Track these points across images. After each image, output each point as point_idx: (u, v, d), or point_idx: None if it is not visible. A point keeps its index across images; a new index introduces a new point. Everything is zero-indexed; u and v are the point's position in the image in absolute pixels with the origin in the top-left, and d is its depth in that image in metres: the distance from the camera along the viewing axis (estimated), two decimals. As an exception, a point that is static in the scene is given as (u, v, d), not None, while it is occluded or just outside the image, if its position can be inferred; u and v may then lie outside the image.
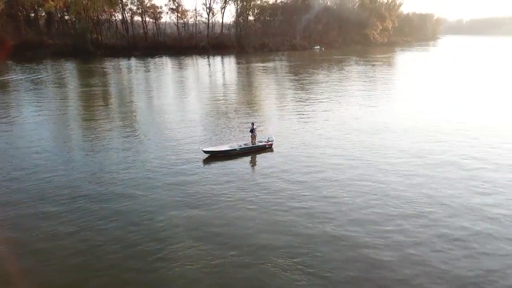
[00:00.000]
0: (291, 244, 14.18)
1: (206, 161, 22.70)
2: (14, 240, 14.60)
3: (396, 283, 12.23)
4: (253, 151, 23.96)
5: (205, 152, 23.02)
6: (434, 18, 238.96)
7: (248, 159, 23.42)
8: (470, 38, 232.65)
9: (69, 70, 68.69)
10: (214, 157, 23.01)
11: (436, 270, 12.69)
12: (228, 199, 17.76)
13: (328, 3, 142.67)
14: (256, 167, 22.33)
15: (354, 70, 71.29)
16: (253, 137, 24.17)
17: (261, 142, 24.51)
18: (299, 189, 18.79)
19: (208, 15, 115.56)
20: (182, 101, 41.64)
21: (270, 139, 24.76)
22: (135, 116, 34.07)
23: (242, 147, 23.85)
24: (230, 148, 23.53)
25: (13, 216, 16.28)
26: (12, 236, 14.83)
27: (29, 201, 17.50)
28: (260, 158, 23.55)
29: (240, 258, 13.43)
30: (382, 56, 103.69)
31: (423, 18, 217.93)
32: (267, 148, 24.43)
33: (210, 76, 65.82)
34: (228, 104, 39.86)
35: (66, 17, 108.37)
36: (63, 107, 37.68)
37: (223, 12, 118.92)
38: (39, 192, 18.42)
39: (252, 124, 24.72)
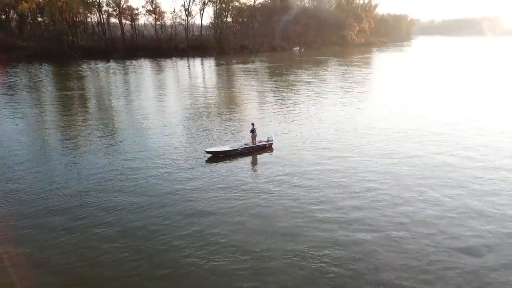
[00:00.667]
0: (308, 245, 14.12)
1: (211, 162, 22.64)
2: (27, 254, 13.79)
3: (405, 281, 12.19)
4: (254, 150, 24.24)
5: (208, 152, 23.23)
6: (408, 19, 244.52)
7: (251, 159, 23.49)
8: (443, 39, 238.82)
9: (46, 73, 66.62)
10: (216, 157, 23.09)
11: (441, 269, 12.71)
12: (242, 202, 17.58)
13: (306, 5, 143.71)
14: (261, 167, 22.24)
15: (338, 70, 71.79)
16: (254, 137, 24.44)
17: (261, 142, 24.78)
18: (306, 190, 18.72)
19: (187, 16, 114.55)
20: (171, 105, 40.71)
21: (270, 139, 25.06)
22: (125, 121, 33.00)
23: (243, 147, 24.12)
24: (232, 148, 23.78)
25: (18, 228, 15.41)
26: (24, 251, 13.99)
27: (33, 212, 16.66)
28: (263, 158, 23.69)
29: (265, 261, 13.28)
30: (362, 56, 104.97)
31: (398, 19, 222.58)
32: (267, 147, 24.73)
33: (194, 78, 65.03)
34: (218, 106, 39.44)
35: (39, 19, 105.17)
36: (45, 113, 36.33)
37: (202, 14, 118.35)
38: (45, 202, 17.55)
39: (252, 124, 24.93)
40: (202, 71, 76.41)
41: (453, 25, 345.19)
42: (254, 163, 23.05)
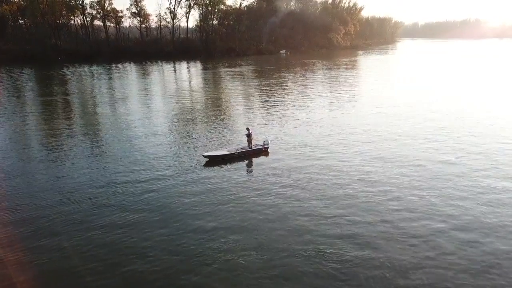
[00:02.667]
0: (308, 245, 14.17)
1: (209, 166, 22.59)
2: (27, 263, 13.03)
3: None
4: (251, 154, 24.38)
5: (205, 157, 23.29)
6: (392, 21, 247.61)
7: (248, 163, 23.53)
8: (426, 42, 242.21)
9: (28, 77, 64.89)
10: (214, 161, 23.14)
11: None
12: (243, 205, 17.54)
13: (292, 8, 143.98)
14: (258, 171, 22.15)
15: (327, 74, 71.62)
16: (250, 141, 24.55)
17: (257, 146, 24.91)
18: (303, 192, 18.77)
19: (173, 19, 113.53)
20: (161, 110, 39.33)
21: (265, 143, 25.17)
22: (115, 128, 31.81)
23: (240, 151, 24.22)
24: (229, 152, 23.81)
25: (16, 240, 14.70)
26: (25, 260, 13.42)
27: (27, 222, 15.99)
28: (260, 161, 23.67)
29: (269, 262, 13.24)
30: (349, 59, 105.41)
31: (382, 22, 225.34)
32: (263, 151, 24.93)
33: (182, 82, 64.00)
34: (209, 111, 38.77)
35: (21, 21, 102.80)
36: (27, 119, 34.99)
37: (188, 17, 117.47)
38: (28, 214, 16.73)
39: (248, 129, 24.95)
40: (189, 75, 75.50)
41: (436, 28, 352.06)
42: (252, 166, 23.06)
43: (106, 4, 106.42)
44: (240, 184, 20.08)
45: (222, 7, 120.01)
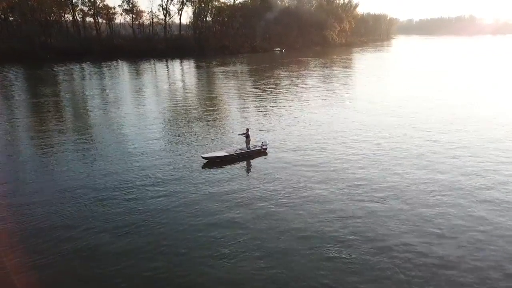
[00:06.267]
0: (308, 245, 14.37)
1: (208, 167, 22.47)
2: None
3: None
4: (249, 155, 24.36)
5: (204, 158, 23.24)
6: (388, 18, 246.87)
7: (247, 164, 23.41)
8: (421, 38, 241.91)
9: (16, 77, 63.36)
10: (213, 162, 23.06)
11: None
12: (243, 205, 17.48)
13: (287, 5, 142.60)
14: (257, 171, 22.09)
15: (324, 72, 70.68)
16: (248, 142, 24.53)
17: (256, 146, 24.92)
18: (302, 192, 18.77)
19: (165, 16, 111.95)
20: (155, 110, 38.12)
21: (264, 144, 25.16)
22: (110, 130, 30.76)
23: (239, 152, 24.19)
24: (227, 153, 23.78)
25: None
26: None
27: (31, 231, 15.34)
28: (258, 162, 23.63)
29: (270, 263, 13.28)
30: (345, 57, 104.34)
31: (378, 19, 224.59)
32: (261, 152, 24.89)
33: (176, 82, 62.73)
34: (205, 111, 37.77)
35: (11, 18, 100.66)
36: (15, 122, 33.71)
37: (181, 14, 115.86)
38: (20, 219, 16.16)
39: (247, 130, 24.84)
40: (182, 74, 74.16)
41: (430, 24, 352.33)
42: (251, 167, 22.94)
43: (98, 1, 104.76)
44: (240, 185, 19.92)
45: (216, 3, 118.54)
